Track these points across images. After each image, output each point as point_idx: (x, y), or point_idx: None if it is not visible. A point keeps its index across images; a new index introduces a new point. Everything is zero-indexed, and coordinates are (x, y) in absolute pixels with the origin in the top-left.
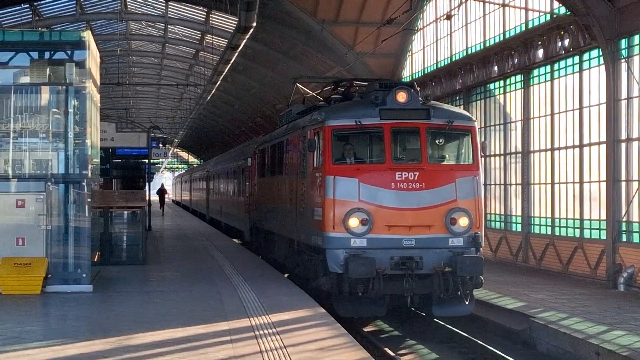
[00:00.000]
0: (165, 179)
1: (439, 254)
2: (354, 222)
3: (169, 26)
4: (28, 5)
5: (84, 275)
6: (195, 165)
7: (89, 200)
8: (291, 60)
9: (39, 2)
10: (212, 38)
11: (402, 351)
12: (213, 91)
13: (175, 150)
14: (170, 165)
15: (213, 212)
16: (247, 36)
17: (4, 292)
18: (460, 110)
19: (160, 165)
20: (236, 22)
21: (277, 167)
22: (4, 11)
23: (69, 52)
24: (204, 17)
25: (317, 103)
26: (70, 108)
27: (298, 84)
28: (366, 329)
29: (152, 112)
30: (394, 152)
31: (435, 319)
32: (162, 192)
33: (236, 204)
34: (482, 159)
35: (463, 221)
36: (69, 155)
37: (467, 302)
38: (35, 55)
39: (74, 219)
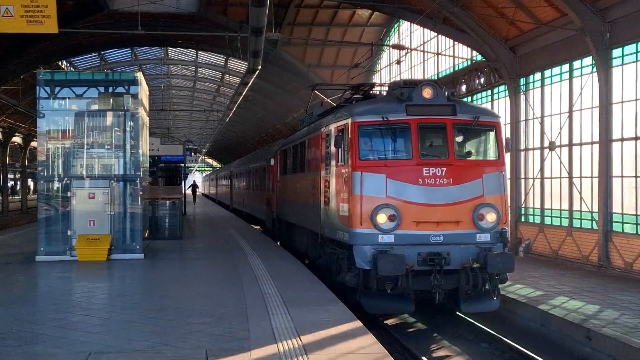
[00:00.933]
0: (196, 178)
1: (467, 250)
2: (381, 218)
3: (198, 68)
4: (97, 54)
5: (138, 247)
6: (218, 168)
7: (141, 193)
8: (286, 93)
9: (104, 52)
10: (230, 77)
11: (427, 346)
12: (230, 115)
13: (203, 157)
14: (200, 168)
15: (235, 203)
16: (254, 76)
17: (80, 259)
18: (483, 106)
19: (192, 168)
20: (246, 66)
21: (299, 165)
22: (80, 57)
23: (126, 87)
24: (224, 62)
25: (339, 103)
26: (127, 127)
27: (316, 91)
28: (389, 322)
29: (186, 130)
30: (421, 148)
31: (458, 313)
32: (194, 187)
33: (258, 197)
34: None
35: (491, 217)
36: (127, 161)
37: (494, 298)
38: (102, 89)
39: (130, 207)
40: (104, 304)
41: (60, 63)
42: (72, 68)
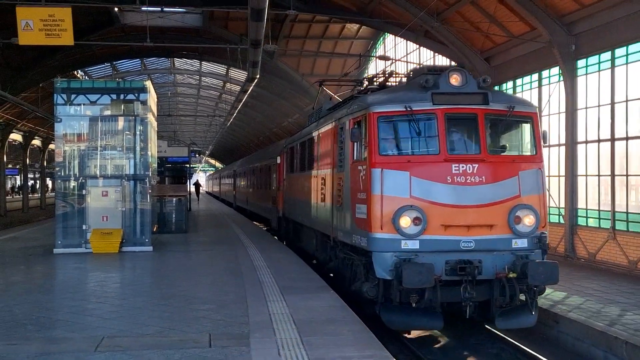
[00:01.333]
0: (200, 177)
1: (501, 258)
2: (405, 222)
3: (202, 77)
4: (109, 64)
5: (147, 240)
6: (221, 167)
7: (150, 191)
8: (282, 99)
9: (116, 62)
10: (230, 85)
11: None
12: (231, 120)
13: (206, 158)
14: (203, 168)
15: (239, 201)
16: (253, 84)
17: (95, 251)
18: (518, 95)
19: (197, 168)
20: (246, 75)
21: (308, 163)
22: (93, 67)
23: (136, 95)
24: (225, 71)
25: (353, 94)
26: (137, 131)
27: (324, 87)
28: (409, 335)
29: (191, 133)
30: (449, 142)
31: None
32: (197, 185)
33: (263, 195)
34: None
35: (529, 220)
36: (137, 162)
37: (532, 313)
38: (114, 96)
39: (140, 203)
40: (116, 292)
41: (75, 72)
42: (86, 77)
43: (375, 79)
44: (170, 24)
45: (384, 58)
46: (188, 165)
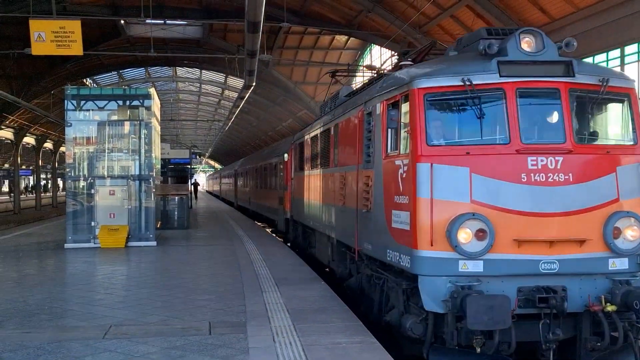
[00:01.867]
0: (200, 177)
1: (593, 283)
2: (464, 235)
3: (202, 85)
4: (116, 73)
5: (151, 235)
6: (221, 167)
7: (154, 190)
8: (276, 105)
9: (122, 71)
10: (229, 92)
11: None
12: (229, 124)
13: (206, 159)
14: (204, 169)
15: (241, 201)
16: (250, 91)
17: (102, 246)
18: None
19: (197, 169)
20: (243, 82)
21: (322, 159)
22: (101, 76)
23: (141, 101)
24: (224, 79)
25: (381, 73)
26: (142, 135)
27: (337, 78)
28: None
29: (192, 136)
30: (522, 126)
31: None
32: (195, 185)
33: (268, 195)
34: None
35: (632, 232)
36: (142, 163)
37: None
38: (120, 102)
39: (144, 202)
40: (123, 284)
41: (84, 80)
42: (95, 84)
43: (408, 55)
44: (173, 35)
45: (370, 67)
46: (189, 167)
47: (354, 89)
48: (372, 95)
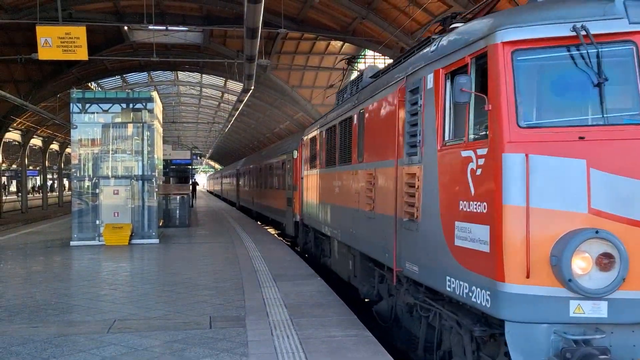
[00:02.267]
0: (201, 177)
1: None
2: (581, 264)
3: (202, 88)
4: (120, 77)
5: (154, 233)
6: (222, 168)
7: (156, 189)
8: (274, 108)
9: (126, 75)
10: (228, 95)
11: None
12: (229, 126)
13: (206, 160)
14: (204, 170)
15: (243, 201)
16: (248, 94)
17: (107, 243)
18: None
19: (198, 169)
20: (242, 86)
21: (341, 154)
22: (105, 79)
23: (144, 104)
24: (223, 83)
25: (422, 41)
26: (145, 136)
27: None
28: None
29: (193, 138)
30: None
31: None
32: (194, 185)
33: (274, 196)
34: None
35: None
36: (144, 164)
37: None
38: (124, 105)
39: (147, 201)
40: (126, 280)
41: (89, 84)
42: (99, 88)
43: (461, 16)
44: (174, 41)
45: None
46: (190, 167)
47: (378, 69)
48: (419, 65)
